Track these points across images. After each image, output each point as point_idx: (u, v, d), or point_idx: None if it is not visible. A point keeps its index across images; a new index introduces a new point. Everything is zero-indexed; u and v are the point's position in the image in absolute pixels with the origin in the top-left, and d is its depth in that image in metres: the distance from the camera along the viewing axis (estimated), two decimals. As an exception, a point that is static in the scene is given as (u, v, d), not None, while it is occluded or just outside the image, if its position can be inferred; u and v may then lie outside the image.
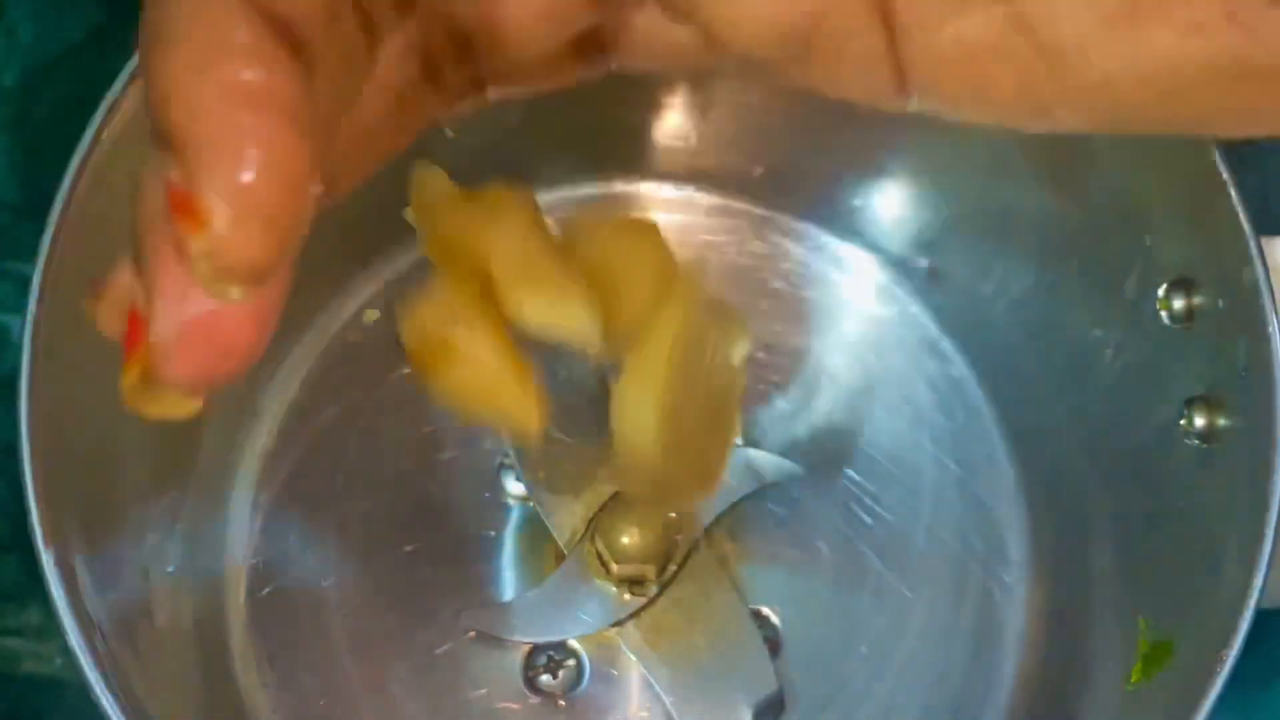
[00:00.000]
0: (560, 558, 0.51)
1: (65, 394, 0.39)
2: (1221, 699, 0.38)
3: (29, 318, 0.38)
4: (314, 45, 0.20)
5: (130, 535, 0.45)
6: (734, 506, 0.52)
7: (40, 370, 0.38)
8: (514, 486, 0.53)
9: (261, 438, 0.53)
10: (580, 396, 0.53)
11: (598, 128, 0.54)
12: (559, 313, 0.29)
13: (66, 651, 0.37)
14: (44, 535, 0.37)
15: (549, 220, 0.29)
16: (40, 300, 0.38)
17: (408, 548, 0.52)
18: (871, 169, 0.53)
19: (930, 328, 0.55)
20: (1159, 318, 0.42)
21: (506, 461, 0.53)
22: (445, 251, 0.29)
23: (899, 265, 0.55)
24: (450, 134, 0.51)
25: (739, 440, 0.53)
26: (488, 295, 0.28)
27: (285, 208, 0.19)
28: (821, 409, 0.54)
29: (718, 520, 0.52)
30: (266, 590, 0.51)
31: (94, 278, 0.23)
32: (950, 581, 0.52)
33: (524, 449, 0.52)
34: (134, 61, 0.39)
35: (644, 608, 0.50)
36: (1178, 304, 0.42)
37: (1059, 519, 0.52)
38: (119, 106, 0.38)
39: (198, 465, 0.50)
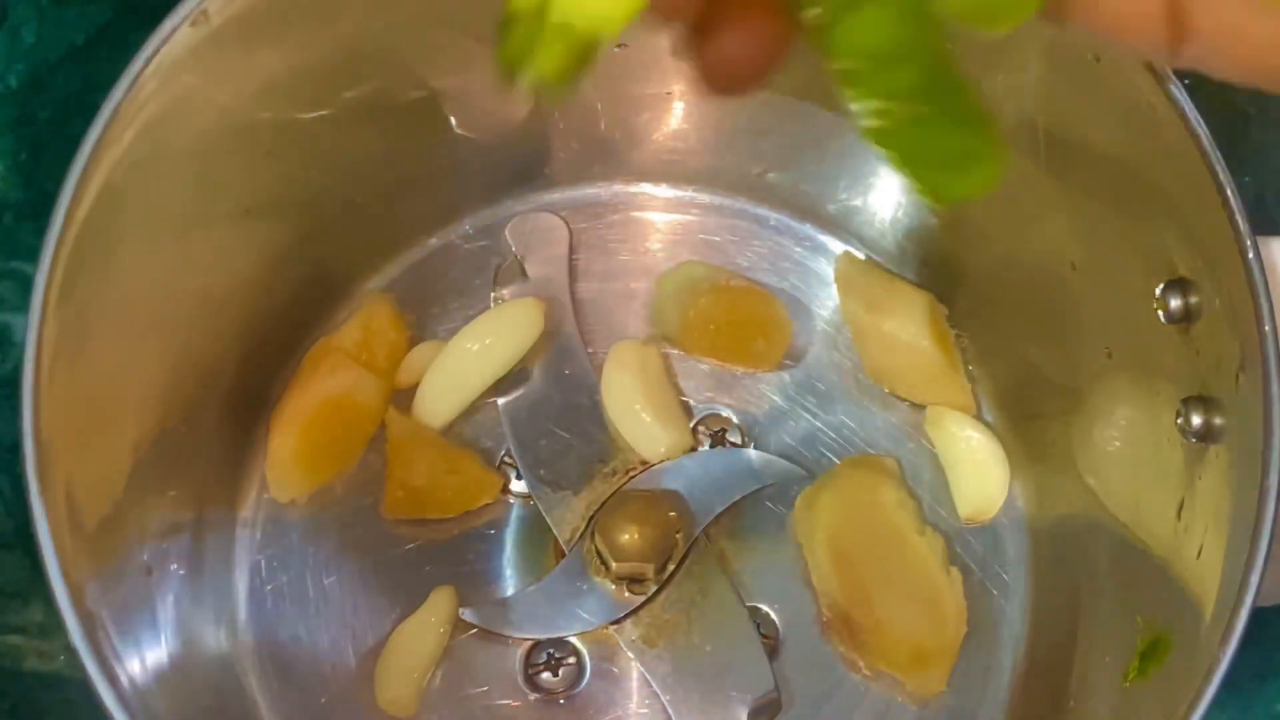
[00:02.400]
0: (560, 555, 0.51)
1: (68, 393, 0.39)
2: (1218, 696, 0.38)
3: (32, 317, 0.38)
4: None
5: (133, 533, 0.45)
6: (734, 506, 0.52)
7: (43, 369, 0.38)
8: (515, 484, 0.53)
9: (266, 438, 0.54)
10: (582, 394, 0.53)
11: (600, 128, 0.54)
12: None
13: (69, 649, 0.38)
14: (47, 533, 0.38)
15: None
16: (43, 299, 0.38)
17: (409, 545, 0.52)
18: (870, 169, 0.53)
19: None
20: (1156, 317, 0.42)
21: (507, 459, 0.53)
22: None
23: (898, 265, 0.56)
24: (459, 131, 0.51)
25: (738, 440, 0.54)
26: None
27: None
28: (821, 408, 0.54)
29: (717, 520, 0.52)
30: (269, 587, 0.51)
31: None
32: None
33: (524, 446, 0.52)
34: (135, 62, 0.39)
35: (643, 606, 0.50)
36: (1175, 304, 0.42)
37: (1057, 518, 0.52)
38: (121, 107, 0.39)
39: (202, 463, 0.50)
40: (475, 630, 0.51)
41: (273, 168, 0.47)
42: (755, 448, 0.54)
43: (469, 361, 0.53)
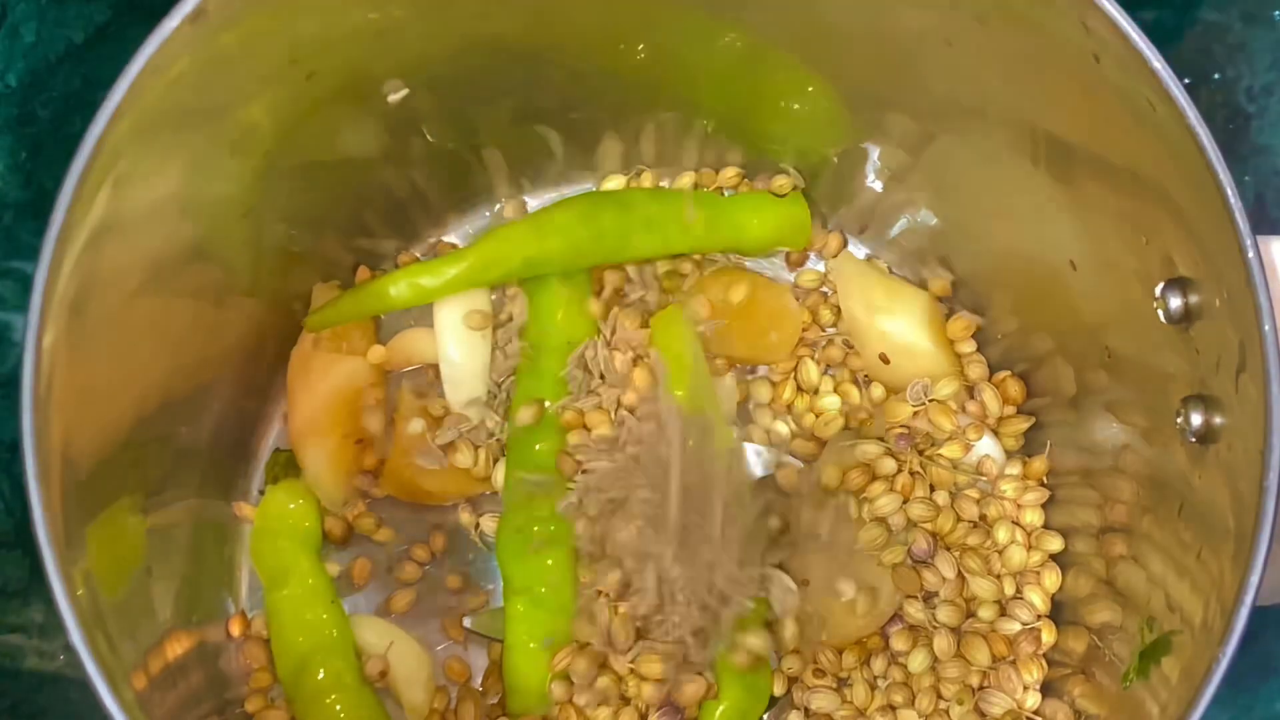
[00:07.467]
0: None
1: (68, 393, 0.39)
2: (1218, 695, 0.38)
3: (32, 317, 0.38)
4: None
5: (133, 532, 0.45)
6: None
7: (43, 369, 0.38)
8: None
9: (266, 438, 0.54)
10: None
11: (594, 132, 0.54)
12: None
13: (69, 648, 0.38)
14: (47, 533, 0.38)
15: None
16: (43, 299, 0.38)
17: (407, 546, 0.52)
18: (874, 172, 0.53)
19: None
20: (1156, 317, 0.42)
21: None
22: None
23: (898, 265, 0.56)
24: (430, 139, 0.51)
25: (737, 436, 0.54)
26: None
27: None
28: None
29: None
30: (268, 588, 0.51)
31: None
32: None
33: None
34: (135, 61, 0.39)
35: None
36: (1174, 303, 0.42)
37: (1058, 518, 0.52)
38: (121, 106, 0.39)
39: (201, 462, 0.50)
40: (475, 632, 0.51)
41: (272, 168, 0.47)
42: (755, 444, 0.54)
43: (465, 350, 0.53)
